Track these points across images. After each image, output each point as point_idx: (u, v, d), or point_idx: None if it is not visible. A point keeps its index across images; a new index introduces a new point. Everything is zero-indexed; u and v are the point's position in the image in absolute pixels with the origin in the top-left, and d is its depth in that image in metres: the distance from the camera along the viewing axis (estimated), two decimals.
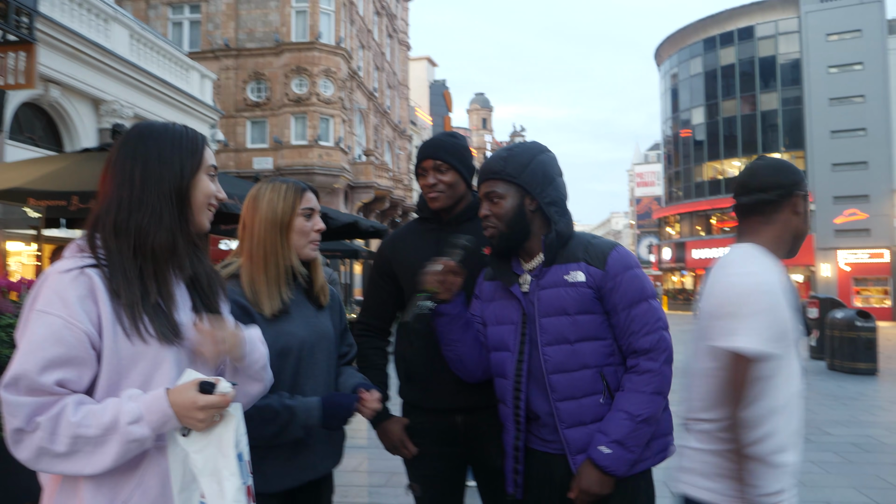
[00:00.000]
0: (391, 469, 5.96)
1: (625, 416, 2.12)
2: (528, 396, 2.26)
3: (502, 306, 2.36)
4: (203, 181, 1.67)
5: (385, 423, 2.64)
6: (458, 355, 2.39)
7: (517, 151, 2.31)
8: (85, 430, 1.39)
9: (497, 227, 2.28)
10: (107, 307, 1.47)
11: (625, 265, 2.22)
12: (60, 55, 12.79)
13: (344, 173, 27.33)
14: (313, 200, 2.32)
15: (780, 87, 45.04)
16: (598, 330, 2.21)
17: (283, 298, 2.20)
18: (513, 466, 2.31)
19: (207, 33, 27.25)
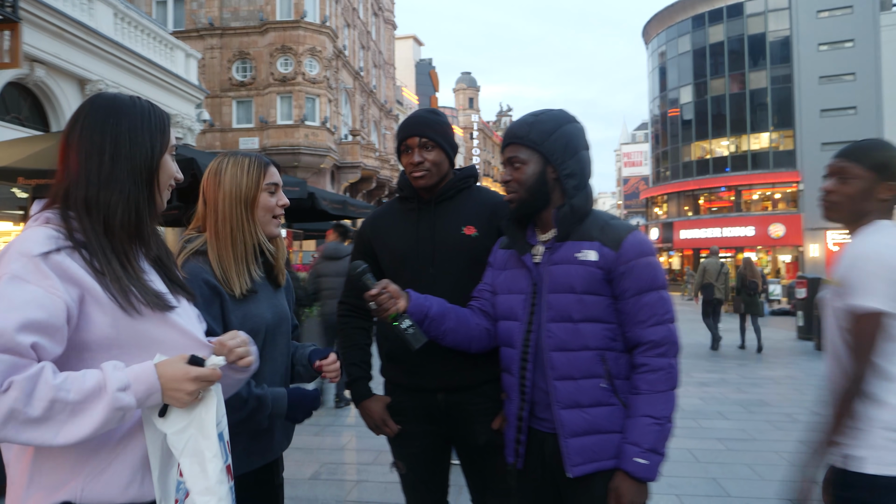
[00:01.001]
0: (379, 447, 6.00)
1: (651, 422, 2.08)
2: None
3: (514, 275, 2.33)
4: (168, 161, 1.65)
5: (367, 402, 2.65)
6: (455, 342, 2.36)
7: (543, 118, 2.25)
8: (65, 395, 1.31)
9: (517, 192, 2.24)
10: (94, 286, 1.42)
11: (639, 251, 2.16)
12: (45, 34, 12.68)
13: (330, 153, 27.24)
14: (276, 175, 2.25)
15: (769, 65, 44.48)
16: (604, 312, 2.17)
17: (252, 277, 2.13)
18: (515, 436, 2.28)
19: (192, 12, 26.99)
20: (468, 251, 2.55)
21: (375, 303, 2.21)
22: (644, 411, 2.10)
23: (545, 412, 2.22)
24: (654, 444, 2.07)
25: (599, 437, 2.14)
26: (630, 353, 2.20)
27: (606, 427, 2.14)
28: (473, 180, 2.72)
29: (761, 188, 45.07)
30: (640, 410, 2.11)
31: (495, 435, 2.52)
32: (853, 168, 2.15)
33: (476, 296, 2.48)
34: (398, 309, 2.22)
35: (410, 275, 2.47)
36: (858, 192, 2.13)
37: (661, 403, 2.10)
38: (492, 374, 2.54)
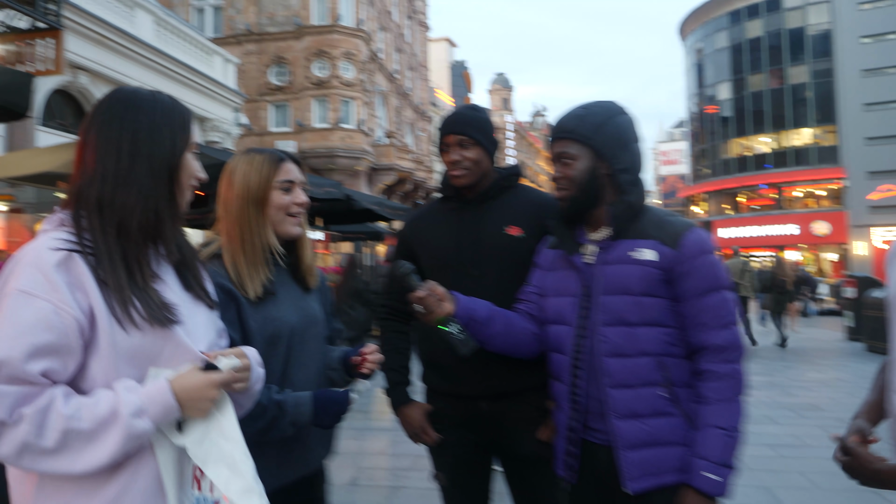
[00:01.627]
0: (416, 452, 5.79)
1: (721, 433, 1.94)
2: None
3: (563, 277, 2.20)
4: (189, 159, 1.55)
5: (406, 409, 2.56)
6: (501, 347, 2.24)
7: (593, 110, 2.13)
8: (77, 424, 1.26)
9: (568, 189, 2.12)
10: (97, 297, 1.34)
11: (701, 249, 2.03)
12: (88, 42, 12.91)
13: (366, 155, 27.36)
14: (293, 171, 2.11)
15: (809, 60, 43.86)
16: (662, 315, 2.03)
17: (262, 279, 2.01)
18: (565, 448, 2.14)
19: (229, 19, 27.35)
20: (513, 252, 2.45)
21: (421, 306, 2.11)
22: (712, 422, 1.96)
23: (598, 422, 2.07)
24: (724, 458, 1.94)
25: (659, 449, 2.00)
26: (691, 358, 2.06)
27: (666, 439, 2.00)
28: (517, 179, 2.62)
29: (803, 185, 44.34)
30: (707, 421, 1.97)
31: (541, 446, 2.40)
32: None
33: (523, 298, 2.36)
34: (445, 312, 2.11)
35: (452, 277, 2.35)
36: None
37: (729, 412, 1.96)
38: (538, 380, 2.42)
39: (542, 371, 2.43)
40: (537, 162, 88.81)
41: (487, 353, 2.24)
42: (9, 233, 10.53)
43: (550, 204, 2.54)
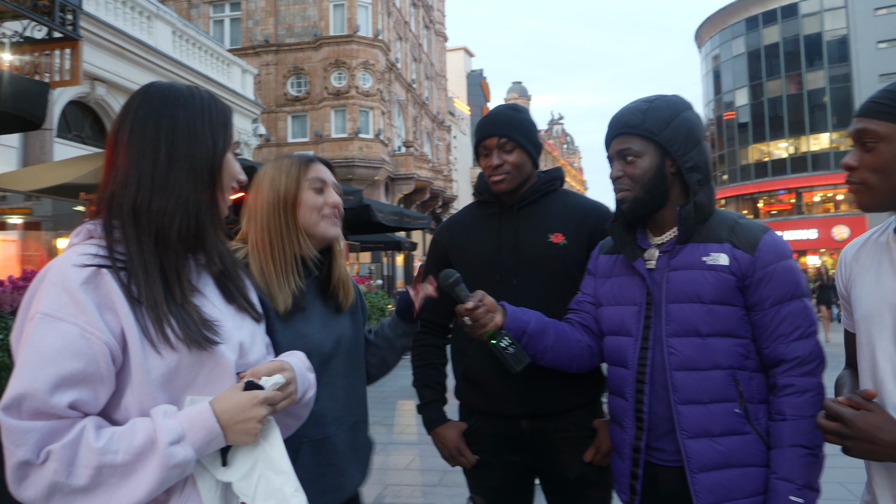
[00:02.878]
0: (444, 467, 5.72)
1: (804, 452, 1.79)
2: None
3: (622, 284, 2.05)
4: (231, 160, 1.44)
5: (440, 429, 2.42)
6: (554, 361, 2.09)
7: (659, 104, 1.97)
8: (112, 458, 1.14)
9: (632, 189, 1.95)
10: (129, 317, 1.22)
11: (780, 253, 1.89)
12: (105, 53, 12.95)
13: (384, 165, 27.40)
14: (324, 171, 1.97)
15: (826, 65, 44.13)
16: (736, 325, 1.88)
17: (293, 290, 1.87)
18: (630, 471, 1.97)
19: (248, 30, 27.55)
20: (555, 261, 2.30)
21: (470, 318, 1.94)
22: (794, 440, 1.79)
23: (663, 441, 1.92)
24: (809, 480, 1.78)
25: (733, 471, 1.83)
26: (766, 372, 1.90)
27: (741, 460, 1.84)
28: (560, 183, 2.48)
29: (823, 190, 44.37)
30: (789, 440, 1.80)
31: (587, 468, 2.26)
32: (877, 127, 1.52)
33: (575, 308, 2.19)
34: (496, 325, 1.94)
35: (492, 287, 2.15)
36: (890, 160, 1.51)
37: (812, 430, 1.78)
38: (584, 398, 2.30)
39: (587, 388, 2.31)
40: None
41: (529, 368, 2.06)
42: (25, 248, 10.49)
43: (595, 210, 2.43)
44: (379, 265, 26.72)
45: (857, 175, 1.54)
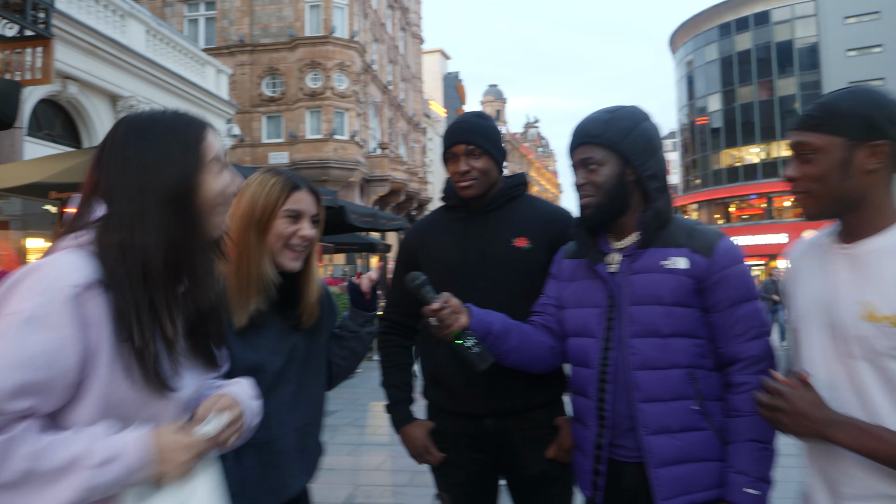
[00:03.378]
0: (415, 468, 5.74)
1: (759, 447, 1.88)
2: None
3: (585, 287, 2.12)
4: (210, 179, 1.39)
5: (408, 427, 2.48)
6: (518, 361, 2.15)
7: (620, 115, 2.05)
8: (42, 463, 1.15)
9: (594, 196, 2.03)
10: (106, 343, 1.23)
11: (734, 258, 1.99)
12: (77, 51, 12.80)
13: (359, 167, 27.36)
14: (305, 202, 1.96)
15: (797, 72, 44.86)
16: (694, 326, 1.97)
17: (251, 311, 1.89)
18: (592, 467, 2.04)
19: (222, 29, 27.33)
20: (520, 265, 2.38)
21: (436, 319, 1.99)
22: (749, 435, 1.88)
23: (625, 438, 1.99)
24: (763, 472, 1.88)
25: (692, 465, 1.92)
26: (722, 371, 1.98)
27: (699, 455, 1.93)
28: (524, 188, 2.56)
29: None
30: (744, 435, 1.89)
31: (549, 464, 2.34)
32: (813, 139, 1.59)
33: (538, 310, 2.26)
34: (461, 326, 2.00)
35: (459, 290, 2.19)
36: (827, 170, 1.57)
37: (764, 425, 1.85)
38: (546, 397, 2.38)
39: (550, 388, 2.38)
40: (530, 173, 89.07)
41: (493, 368, 2.12)
42: None
43: (558, 215, 2.50)
44: (353, 267, 26.66)
45: (800, 185, 1.62)
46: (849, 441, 1.47)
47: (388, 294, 2.68)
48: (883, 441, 1.44)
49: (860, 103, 1.55)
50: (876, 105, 1.54)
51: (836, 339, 1.56)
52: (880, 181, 1.55)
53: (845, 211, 1.60)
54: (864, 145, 1.53)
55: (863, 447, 1.45)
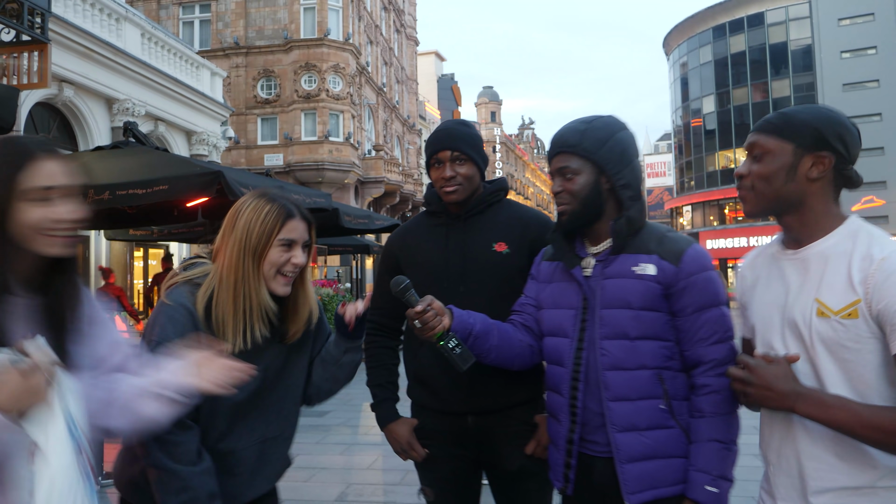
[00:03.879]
0: (406, 467, 5.82)
1: (719, 447, 1.96)
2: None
3: (562, 289, 2.20)
4: (25, 210, 1.47)
5: (393, 425, 2.56)
6: (498, 360, 2.24)
7: (596, 125, 2.12)
8: None
9: (570, 204, 2.11)
10: None
11: (701, 265, 2.05)
12: (73, 55, 12.87)
13: (354, 168, 27.39)
14: (298, 230, 2.00)
15: (791, 74, 44.87)
16: (661, 329, 2.04)
17: (253, 337, 1.95)
18: (564, 461, 2.14)
19: (217, 32, 27.37)
20: (499, 268, 2.46)
21: (420, 321, 2.07)
22: (710, 435, 1.97)
23: (595, 434, 2.08)
24: (723, 471, 1.95)
25: (658, 462, 2.00)
26: (688, 372, 2.07)
27: (665, 451, 2.01)
28: (504, 194, 2.63)
29: None
30: (705, 435, 1.97)
31: (528, 460, 2.43)
32: (766, 141, 1.74)
33: (518, 310, 2.35)
34: (443, 327, 2.08)
35: (441, 293, 2.27)
36: (774, 170, 1.71)
37: (726, 426, 1.97)
38: (525, 396, 2.46)
39: (529, 386, 2.46)
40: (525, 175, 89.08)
41: (473, 368, 2.21)
42: None
43: (536, 220, 2.58)
44: (347, 268, 26.72)
45: (747, 181, 1.76)
46: (815, 411, 1.58)
47: (373, 297, 2.73)
48: (844, 409, 1.55)
49: (814, 118, 1.68)
50: (828, 122, 1.67)
51: (796, 337, 1.67)
52: (820, 189, 1.69)
53: (783, 212, 1.73)
54: (810, 154, 1.66)
55: (826, 416, 1.56)
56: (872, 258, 1.57)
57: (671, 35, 54.47)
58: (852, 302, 1.58)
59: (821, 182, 1.68)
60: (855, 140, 1.70)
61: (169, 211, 7.46)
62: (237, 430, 2.00)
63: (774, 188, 1.70)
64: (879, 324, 1.55)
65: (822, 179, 1.68)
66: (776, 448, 1.75)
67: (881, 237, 1.64)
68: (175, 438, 1.81)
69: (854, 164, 1.72)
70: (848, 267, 1.61)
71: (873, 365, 1.58)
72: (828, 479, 1.62)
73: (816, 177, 1.67)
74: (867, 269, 1.57)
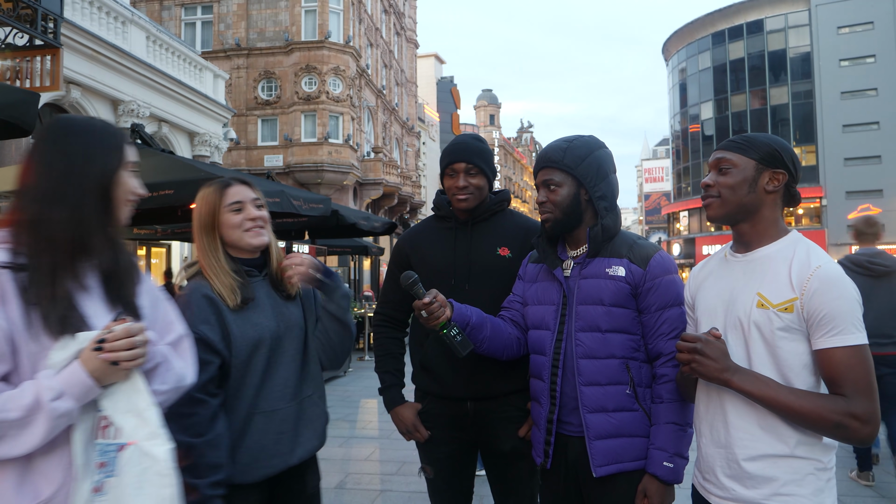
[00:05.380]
0: (402, 458, 6.19)
1: (676, 428, 2.23)
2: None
3: (544, 287, 2.47)
4: (124, 178, 1.70)
5: (399, 408, 2.81)
6: (490, 350, 2.48)
7: (577, 144, 2.40)
8: (6, 414, 1.41)
9: (553, 213, 2.38)
10: (17, 309, 1.48)
11: (665, 269, 2.34)
12: (81, 57, 13.10)
13: (353, 170, 27.49)
14: (240, 193, 2.32)
15: (790, 81, 44.58)
16: (629, 324, 2.32)
17: (235, 289, 2.23)
18: (544, 438, 2.40)
19: (219, 33, 27.45)
20: (502, 271, 2.72)
21: (427, 311, 2.32)
22: (668, 419, 2.25)
23: (571, 416, 2.35)
24: (679, 449, 2.24)
25: (623, 440, 2.29)
26: (651, 363, 2.35)
27: (630, 431, 2.29)
28: (506, 204, 2.90)
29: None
30: (664, 418, 2.25)
31: (520, 442, 2.68)
32: (733, 157, 2.03)
33: (507, 306, 2.62)
34: (446, 317, 2.34)
35: (447, 290, 2.54)
36: (739, 182, 2.00)
37: (682, 410, 2.26)
38: (518, 384, 2.70)
39: (523, 375, 2.70)
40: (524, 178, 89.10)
41: (474, 358, 2.50)
42: None
43: (535, 228, 2.82)
44: (346, 269, 26.88)
45: (714, 190, 2.06)
46: (746, 385, 1.86)
47: (382, 292, 3.00)
48: (770, 387, 1.84)
49: (772, 141, 2.01)
50: (782, 146, 2.01)
51: (738, 328, 1.96)
52: (773, 201, 2.01)
53: (741, 220, 2.02)
54: (768, 170, 1.99)
55: (756, 391, 1.85)
56: (810, 265, 1.87)
57: (670, 41, 54.32)
58: (790, 299, 1.86)
59: (774, 195, 2.00)
60: (799, 165, 2.03)
61: (173, 211, 7.71)
62: (271, 385, 2.26)
63: (738, 196, 2.01)
64: (808, 322, 1.84)
65: (775, 193, 1.99)
66: (709, 421, 2.03)
67: (817, 249, 1.95)
68: (186, 410, 2.02)
69: (797, 185, 2.05)
70: (789, 269, 1.90)
71: (797, 355, 1.87)
72: (751, 447, 1.90)
73: (772, 190, 1.98)
74: (804, 274, 1.86)
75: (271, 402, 2.26)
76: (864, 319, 1.85)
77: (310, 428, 2.37)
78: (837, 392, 1.80)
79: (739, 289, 1.98)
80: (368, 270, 31.65)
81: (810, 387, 1.87)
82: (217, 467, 2.08)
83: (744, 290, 1.96)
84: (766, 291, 1.91)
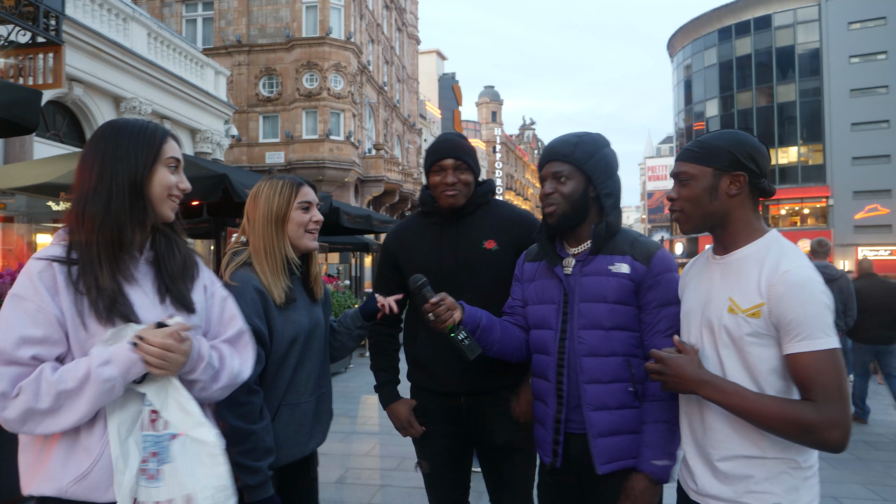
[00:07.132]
0: (401, 454, 6.22)
1: (666, 427, 2.20)
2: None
3: (544, 286, 2.45)
4: (161, 173, 1.77)
5: (394, 405, 2.84)
6: (500, 352, 2.48)
7: (586, 140, 2.39)
8: (64, 385, 1.54)
9: (560, 205, 2.35)
10: (67, 298, 1.62)
11: (667, 267, 2.31)
12: (83, 55, 13.14)
13: (354, 167, 27.52)
14: (310, 194, 2.45)
15: (798, 78, 43.86)
16: (631, 321, 2.29)
17: (283, 287, 2.33)
18: (553, 438, 2.37)
19: (220, 30, 27.46)
20: (489, 264, 2.71)
21: (434, 314, 2.32)
22: (659, 417, 2.23)
23: (574, 413, 2.33)
24: (670, 448, 2.22)
25: (625, 437, 2.27)
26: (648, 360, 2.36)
27: (630, 428, 2.28)
28: (491, 195, 2.88)
29: (789, 203, 44.34)
30: (655, 416, 2.24)
31: (514, 436, 2.70)
32: (689, 168, 2.02)
33: (508, 311, 2.61)
34: (454, 320, 2.34)
35: (436, 286, 2.50)
36: (699, 193, 2.00)
37: (672, 409, 2.23)
38: (511, 379, 2.73)
39: (515, 371, 2.73)
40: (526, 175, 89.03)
41: None
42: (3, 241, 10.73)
43: (521, 219, 2.84)
44: (347, 266, 26.88)
45: (677, 204, 2.07)
46: (715, 396, 1.86)
47: (373, 289, 2.99)
48: (740, 397, 1.84)
49: (727, 143, 1.98)
50: (739, 145, 1.97)
51: (710, 331, 1.97)
52: (740, 203, 1.98)
53: (714, 227, 2.03)
54: (727, 174, 1.97)
55: (725, 401, 1.85)
56: (778, 269, 1.85)
57: (676, 37, 53.55)
58: (757, 304, 1.85)
59: (739, 197, 1.98)
60: (764, 157, 2.00)
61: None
62: (297, 380, 2.40)
63: (701, 208, 2.01)
64: (776, 327, 1.84)
65: (740, 195, 1.98)
66: (688, 419, 2.06)
67: (791, 251, 1.92)
68: (242, 399, 2.15)
69: (766, 177, 2.01)
70: (759, 273, 1.89)
71: (765, 360, 1.87)
72: (725, 447, 1.92)
73: (735, 193, 1.97)
74: (772, 278, 1.85)
75: (297, 396, 2.39)
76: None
77: (321, 422, 2.51)
78: (807, 397, 1.79)
79: (715, 292, 1.98)
80: (370, 267, 31.64)
81: (780, 391, 1.87)
82: (271, 451, 2.23)
83: (718, 294, 1.97)
84: (736, 296, 1.90)
